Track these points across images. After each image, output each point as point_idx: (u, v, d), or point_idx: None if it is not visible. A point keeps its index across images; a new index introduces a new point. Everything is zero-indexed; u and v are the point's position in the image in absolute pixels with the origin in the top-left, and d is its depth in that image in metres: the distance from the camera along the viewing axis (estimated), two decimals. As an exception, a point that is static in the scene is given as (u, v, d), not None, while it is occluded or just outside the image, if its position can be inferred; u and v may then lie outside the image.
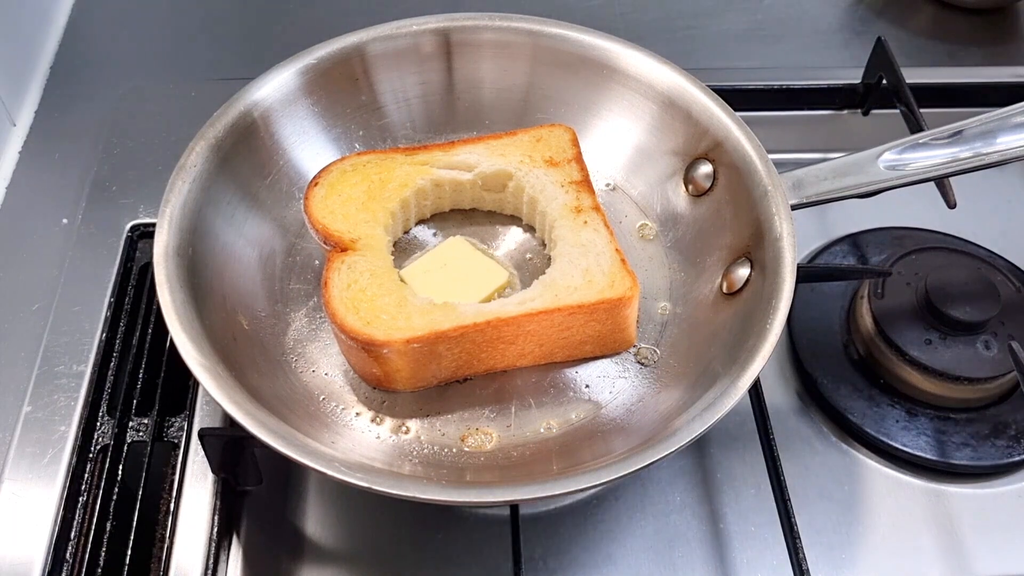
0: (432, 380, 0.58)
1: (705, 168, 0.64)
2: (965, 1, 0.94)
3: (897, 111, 0.77)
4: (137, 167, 0.76)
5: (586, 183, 0.63)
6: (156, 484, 0.61)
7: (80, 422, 0.62)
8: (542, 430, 0.57)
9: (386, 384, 0.58)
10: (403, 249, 0.64)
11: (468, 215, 0.66)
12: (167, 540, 0.57)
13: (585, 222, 0.61)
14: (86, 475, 0.61)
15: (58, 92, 0.83)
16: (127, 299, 0.68)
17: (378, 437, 0.56)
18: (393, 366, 0.56)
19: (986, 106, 0.64)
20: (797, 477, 0.61)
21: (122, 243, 0.71)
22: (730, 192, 0.62)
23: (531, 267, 0.64)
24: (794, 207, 0.59)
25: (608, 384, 0.59)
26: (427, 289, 0.58)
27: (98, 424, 0.63)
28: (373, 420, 0.57)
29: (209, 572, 0.55)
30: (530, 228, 0.65)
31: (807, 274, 0.65)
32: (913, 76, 0.78)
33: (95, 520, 0.59)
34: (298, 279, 0.63)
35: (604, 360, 0.60)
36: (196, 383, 0.62)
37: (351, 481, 0.47)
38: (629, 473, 0.48)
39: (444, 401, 0.58)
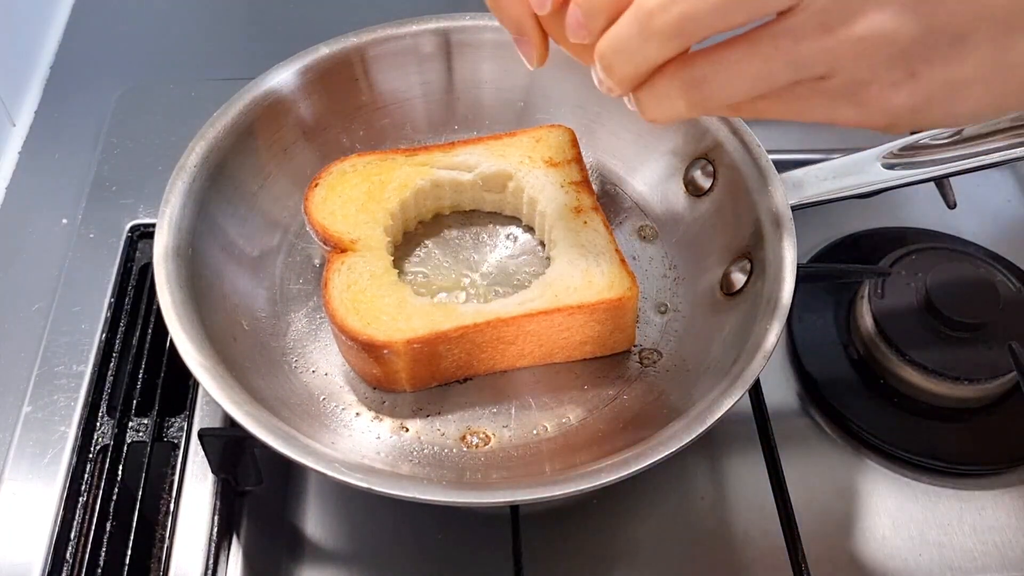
0: (432, 380, 0.58)
1: (705, 168, 0.64)
2: (965, 1, 0.93)
3: (897, 111, 0.77)
4: (137, 167, 0.76)
5: (586, 183, 0.63)
6: (156, 484, 0.61)
7: (80, 422, 0.62)
8: (542, 431, 0.57)
9: (386, 384, 0.58)
10: (403, 250, 0.64)
11: (468, 216, 0.66)
12: (167, 540, 0.57)
13: (585, 222, 0.61)
14: (86, 475, 0.61)
15: (58, 92, 0.83)
16: (127, 299, 0.68)
17: (378, 437, 0.56)
18: (393, 367, 0.56)
19: (986, 106, 0.64)
20: (797, 477, 0.61)
21: (122, 243, 0.71)
22: (730, 192, 0.62)
23: (531, 267, 0.64)
24: (794, 207, 0.59)
25: (608, 384, 0.59)
26: None
27: (98, 424, 0.63)
28: (373, 420, 0.57)
29: (209, 572, 0.55)
30: (530, 228, 0.65)
31: (807, 274, 0.65)
32: (913, 76, 0.78)
33: (95, 520, 0.58)
34: (298, 279, 0.63)
35: (604, 360, 0.60)
36: (196, 383, 0.62)
37: (351, 482, 0.47)
38: (629, 474, 0.48)
39: (444, 401, 0.58)
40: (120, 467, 0.61)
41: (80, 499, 0.60)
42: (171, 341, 0.53)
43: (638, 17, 0.38)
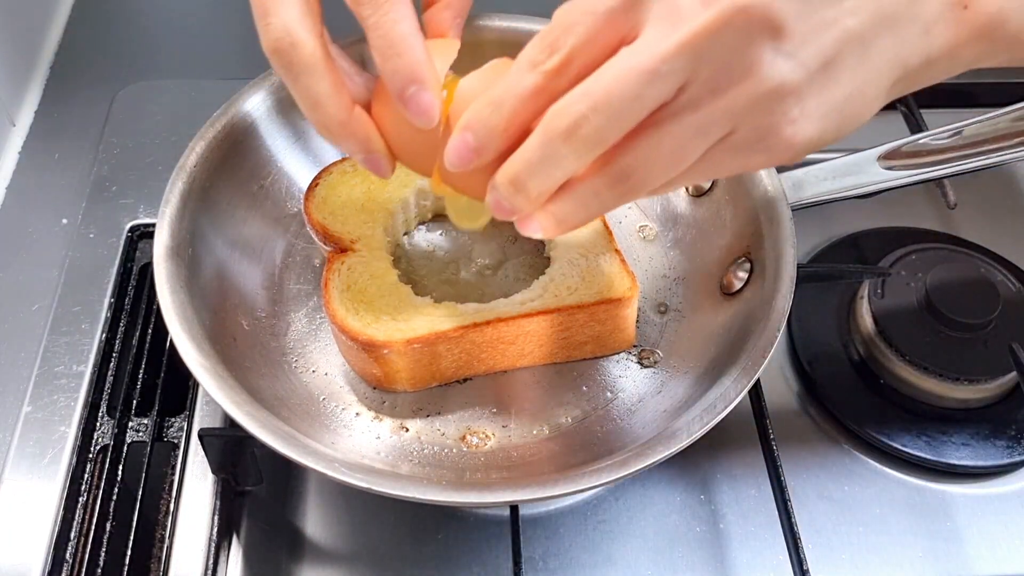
0: (432, 380, 0.58)
1: (705, 168, 0.64)
2: (965, 1, 0.93)
3: (897, 111, 0.77)
4: (137, 167, 0.76)
5: (586, 183, 0.63)
6: (156, 484, 0.61)
7: (80, 422, 0.62)
8: (541, 431, 0.57)
9: (386, 384, 0.58)
10: (403, 250, 0.64)
11: (468, 215, 0.66)
12: (167, 540, 0.57)
13: (585, 222, 0.61)
14: (86, 475, 0.61)
15: (58, 92, 0.83)
16: (127, 299, 0.68)
17: (378, 437, 0.56)
18: (393, 367, 0.56)
19: (986, 106, 0.64)
20: (797, 477, 0.61)
21: (122, 243, 0.71)
22: (730, 192, 0.62)
23: (531, 267, 0.64)
24: (794, 207, 0.59)
25: (608, 385, 0.59)
26: None
27: (98, 424, 0.63)
28: (373, 420, 0.57)
29: (209, 572, 0.55)
30: (530, 228, 0.65)
31: (807, 274, 0.65)
32: (913, 76, 0.78)
33: (95, 520, 0.59)
34: (298, 279, 0.63)
35: (604, 360, 0.60)
36: (196, 383, 0.62)
37: (351, 482, 0.47)
38: (629, 474, 0.48)
39: (444, 401, 0.58)
40: (120, 467, 0.61)
41: (80, 499, 0.60)
42: (171, 341, 0.53)
43: (552, 137, 0.39)
